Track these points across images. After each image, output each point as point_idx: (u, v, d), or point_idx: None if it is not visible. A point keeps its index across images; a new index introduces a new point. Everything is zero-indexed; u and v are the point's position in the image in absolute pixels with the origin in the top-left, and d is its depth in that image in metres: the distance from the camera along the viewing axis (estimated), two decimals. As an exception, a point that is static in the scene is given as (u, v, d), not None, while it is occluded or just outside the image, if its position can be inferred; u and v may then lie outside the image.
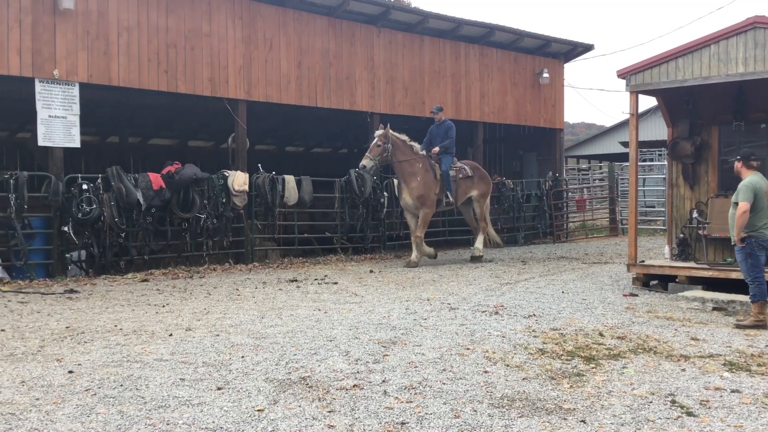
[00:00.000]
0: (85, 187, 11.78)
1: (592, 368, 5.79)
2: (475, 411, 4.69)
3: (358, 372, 5.60)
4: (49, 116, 11.97)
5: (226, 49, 14.11)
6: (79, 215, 11.63)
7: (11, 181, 11.35)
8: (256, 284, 11.04)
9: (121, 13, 12.72)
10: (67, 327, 7.45)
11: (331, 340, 6.74)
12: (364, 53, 16.41)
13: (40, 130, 11.91)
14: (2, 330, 7.28)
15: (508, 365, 5.83)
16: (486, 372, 5.62)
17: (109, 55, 12.59)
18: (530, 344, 6.61)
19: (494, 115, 19.42)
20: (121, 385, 5.20)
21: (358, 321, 7.74)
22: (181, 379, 5.39)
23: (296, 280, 11.37)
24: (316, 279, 11.59)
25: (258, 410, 4.68)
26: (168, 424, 4.39)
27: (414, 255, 13.54)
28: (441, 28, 17.79)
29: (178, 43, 13.45)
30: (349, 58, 16.13)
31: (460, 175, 14.28)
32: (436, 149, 13.83)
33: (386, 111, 16.87)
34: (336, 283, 11.13)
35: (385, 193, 16.13)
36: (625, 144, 30.62)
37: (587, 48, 21.31)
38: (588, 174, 35.42)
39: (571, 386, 5.26)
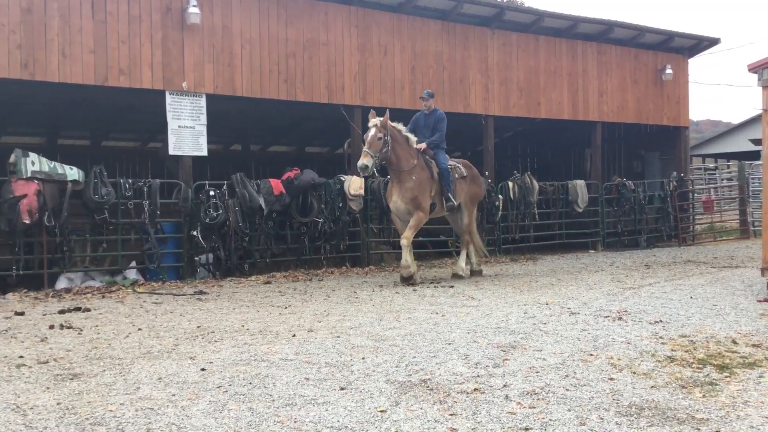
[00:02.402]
0: (212, 193, 12.37)
1: (726, 377, 5.50)
2: (602, 419, 4.56)
3: (478, 376, 5.58)
4: (179, 126, 12.65)
5: (342, 57, 14.42)
6: (207, 220, 12.22)
7: (145, 188, 12.07)
8: (373, 287, 11.19)
9: (243, 26, 13.27)
10: (198, 326, 7.84)
11: (449, 344, 6.74)
12: (477, 55, 16.33)
13: (171, 139, 12.59)
14: (139, 329, 7.74)
15: (634, 372, 5.63)
16: (611, 379, 5.46)
17: (233, 66, 13.16)
18: (657, 351, 6.35)
19: (613, 114, 18.83)
20: (250, 383, 5.42)
21: (476, 325, 7.70)
22: (305, 378, 5.55)
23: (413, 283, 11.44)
24: (432, 282, 11.62)
25: (380, 411, 4.74)
26: (296, 422, 4.53)
27: (406, 266, 11.33)
28: (556, 26, 17.45)
29: (296, 53, 13.87)
30: (462, 61, 16.10)
31: (456, 175, 12.28)
32: (423, 145, 11.72)
33: (500, 113, 16.74)
34: (452, 286, 11.12)
35: (500, 196, 16.05)
36: (757, 141, 28.94)
37: (713, 42, 20.26)
38: (715, 174, 33.69)
39: (703, 395, 5.02)
